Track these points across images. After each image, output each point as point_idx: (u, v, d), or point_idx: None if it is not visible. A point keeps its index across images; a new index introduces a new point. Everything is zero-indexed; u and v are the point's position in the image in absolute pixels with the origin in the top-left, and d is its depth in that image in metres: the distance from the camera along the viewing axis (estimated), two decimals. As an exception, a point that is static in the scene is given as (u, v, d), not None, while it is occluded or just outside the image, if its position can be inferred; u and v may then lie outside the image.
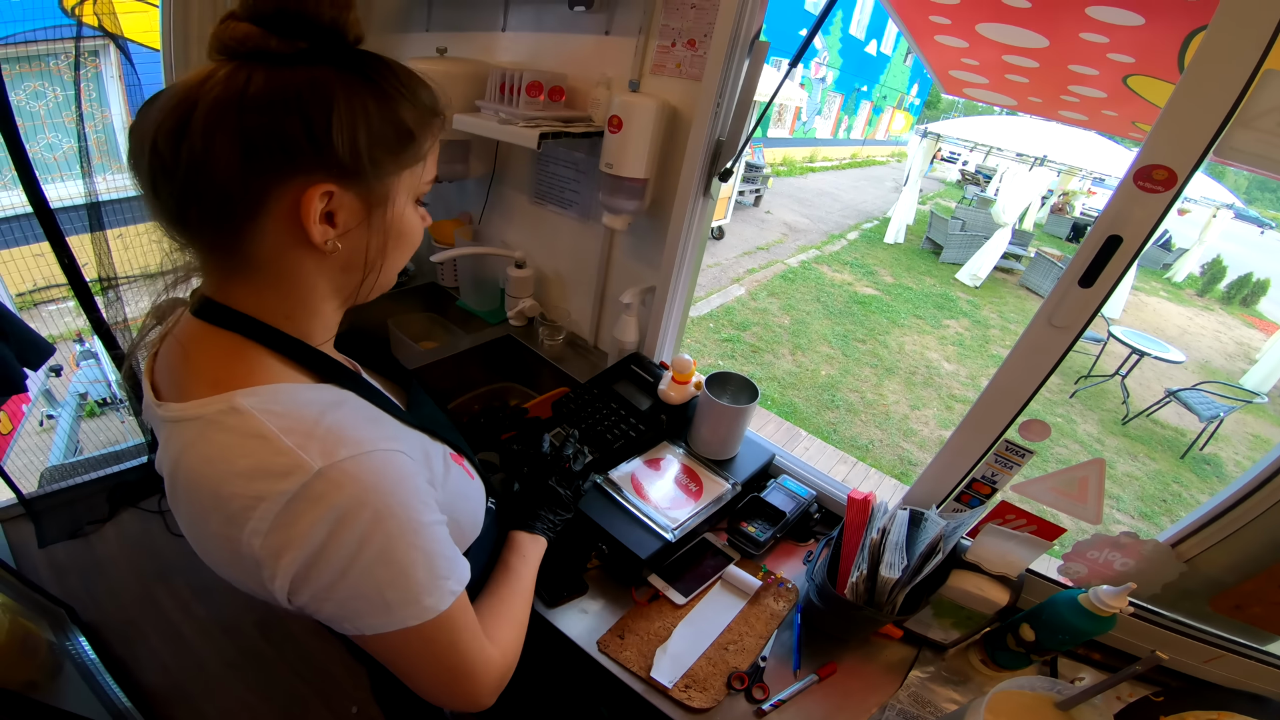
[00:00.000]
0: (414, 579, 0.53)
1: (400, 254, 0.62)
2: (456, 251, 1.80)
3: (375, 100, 0.52)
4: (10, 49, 1.57)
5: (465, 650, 0.60)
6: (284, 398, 0.52)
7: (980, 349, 6.29)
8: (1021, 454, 1.02)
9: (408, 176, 0.57)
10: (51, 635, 1.77)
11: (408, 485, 0.53)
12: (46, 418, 2.91)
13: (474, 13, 1.71)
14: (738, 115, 1.27)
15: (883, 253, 9.27)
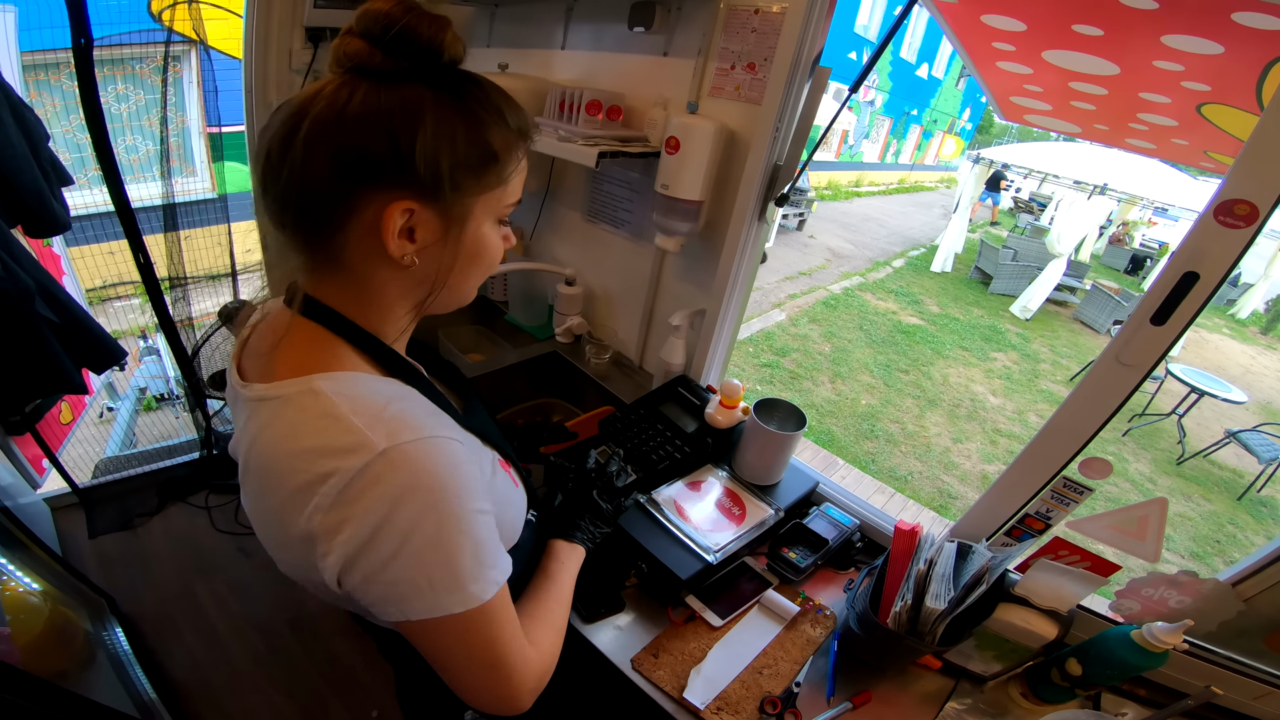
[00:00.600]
0: (461, 564, 0.53)
1: (475, 272, 0.63)
2: (507, 266, 1.84)
3: (463, 122, 0.54)
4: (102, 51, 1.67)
5: (505, 646, 0.60)
6: (357, 385, 0.56)
7: (1029, 383, 6.09)
8: (1080, 491, 1.00)
9: (489, 198, 0.59)
10: (89, 625, 1.81)
11: (463, 472, 0.54)
12: (107, 410, 3.03)
13: (534, 30, 1.76)
14: (796, 140, 1.27)
15: (929, 281, 9.09)
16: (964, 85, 20.40)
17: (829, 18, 1.14)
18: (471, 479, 0.55)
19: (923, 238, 12.10)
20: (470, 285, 0.65)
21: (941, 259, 9.56)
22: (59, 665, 1.57)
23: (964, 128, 23.45)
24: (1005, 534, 1.11)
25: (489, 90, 0.57)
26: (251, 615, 2.08)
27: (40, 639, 1.55)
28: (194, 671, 1.90)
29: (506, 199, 0.61)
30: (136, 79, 3.67)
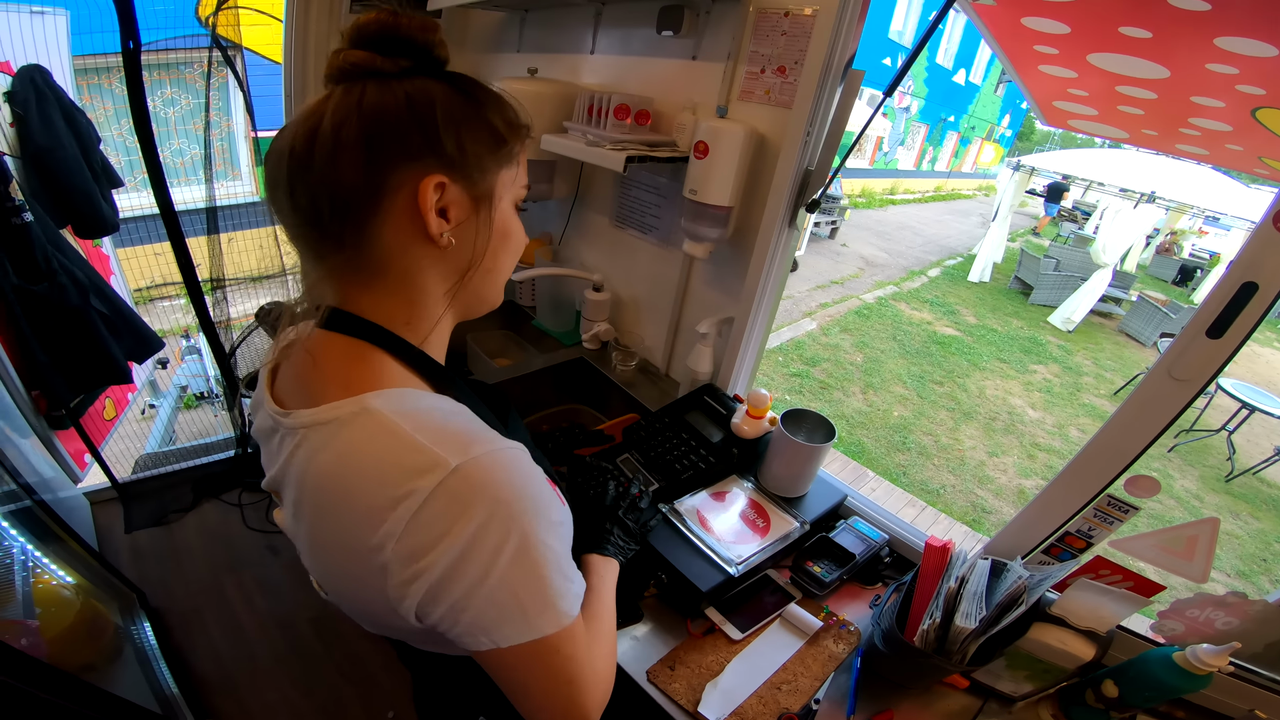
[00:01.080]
0: (550, 582, 0.52)
1: (507, 254, 0.65)
2: (536, 271, 1.84)
3: (470, 106, 0.57)
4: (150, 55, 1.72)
5: (582, 664, 0.57)
6: (410, 400, 0.54)
7: (1070, 397, 5.90)
8: (1125, 509, 0.95)
9: (506, 177, 0.61)
10: (119, 619, 1.85)
11: (537, 482, 0.53)
12: (149, 407, 3.13)
13: (564, 35, 1.76)
14: (828, 145, 1.24)
15: (966, 291, 8.89)
16: (1003, 91, 19.95)
17: (862, 20, 1.12)
18: (545, 489, 0.54)
19: (959, 246, 11.86)
20: (503, 268, 0.65)
21: (979, 268, 9.34)
22: (86, 658, 1.59)
23: (1003, 134, 22.93)
24: (1043, 552, 1.06)
25: (481, 85, 0.60)
26: (276, 612, 2.12)
27: (69, 632, 1.57)
28: (217, 666, 1.93)
29: (521, 180, 0.64)
30: (184, 83, 3.81)
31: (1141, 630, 1.02)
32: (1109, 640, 0.95)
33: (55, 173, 1.91)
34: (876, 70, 12.05)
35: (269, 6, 1.99)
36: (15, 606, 1.48)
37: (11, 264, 1.74)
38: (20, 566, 1.60)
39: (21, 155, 1.83)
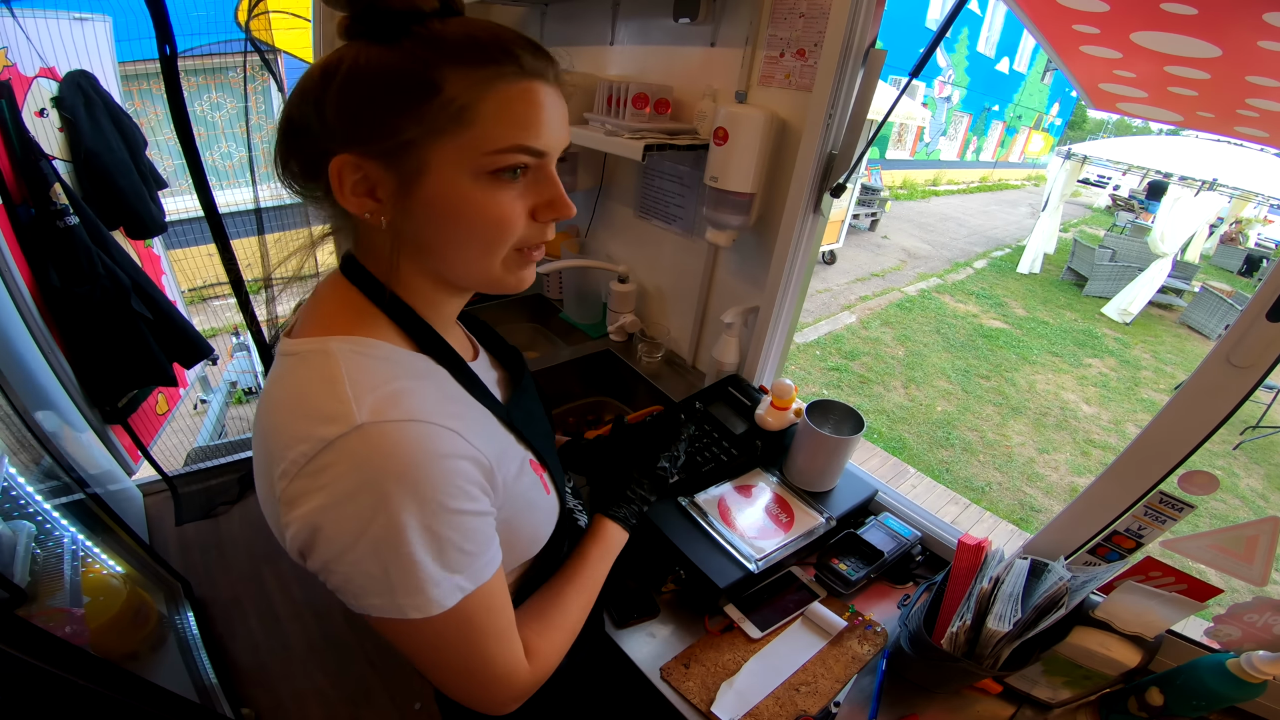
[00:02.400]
0: (420, 566, 0.49)
1: (468, 237, 0.55)
2: (562, 264, 1.84)
3: (394, 66, 0.49)
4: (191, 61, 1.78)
5: (484, 654, 0.56)
6: (374, 352, 0.54)
7: (1128, 392, 5.64)
8: (1179, 508, 0.89)
9: (449, 146, 0.51)
10: (164, 608, 1.90)
11: (444, 465, 0.50)
12: (201, 402, 3.25)
13: (584, 27, 1.76)
14: (851, 128, 1.20)
15: (1015, 283, 8.58)
16: (1051, 79, 19.25)
17: (882, 0, 1.08)
18: (457, 473, 0.51)
19: (1007, 238, 11.48)
20: (467, 254, 0.56)
21: (1029, 259, 9.02)
22: (130, 647, 1.64)
23: (1053, 123, 22.11)
24: (1089, 552, 1.00)
25: (444, 29, 0.51)
26: (312, 602, 2.16)
27: (115, 620, 1.61)
28: (253, 655, 1.98)
29: (484, 144, 0.51)
30: (228, 88, 3.95)
31: (1193, 636, 0.96)
32: (1156, 646, 0.89)
33: (106, 176, 1.99)
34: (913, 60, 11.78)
35: (299, 9, 2.04)
36: (63, 595, 1.53)
37: (56, 267, 1.81)
38: (70, 556, 1.67)
39: (73, 159, 1.91)
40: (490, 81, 0.50)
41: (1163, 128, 7.76)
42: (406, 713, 1.86)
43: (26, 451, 1.76)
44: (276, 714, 1.83)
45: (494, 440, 0.60)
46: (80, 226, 1.84)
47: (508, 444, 0.63)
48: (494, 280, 0.59)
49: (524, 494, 0.63)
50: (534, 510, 0.66)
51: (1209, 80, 1.51)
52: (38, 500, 1.72)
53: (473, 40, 0.50)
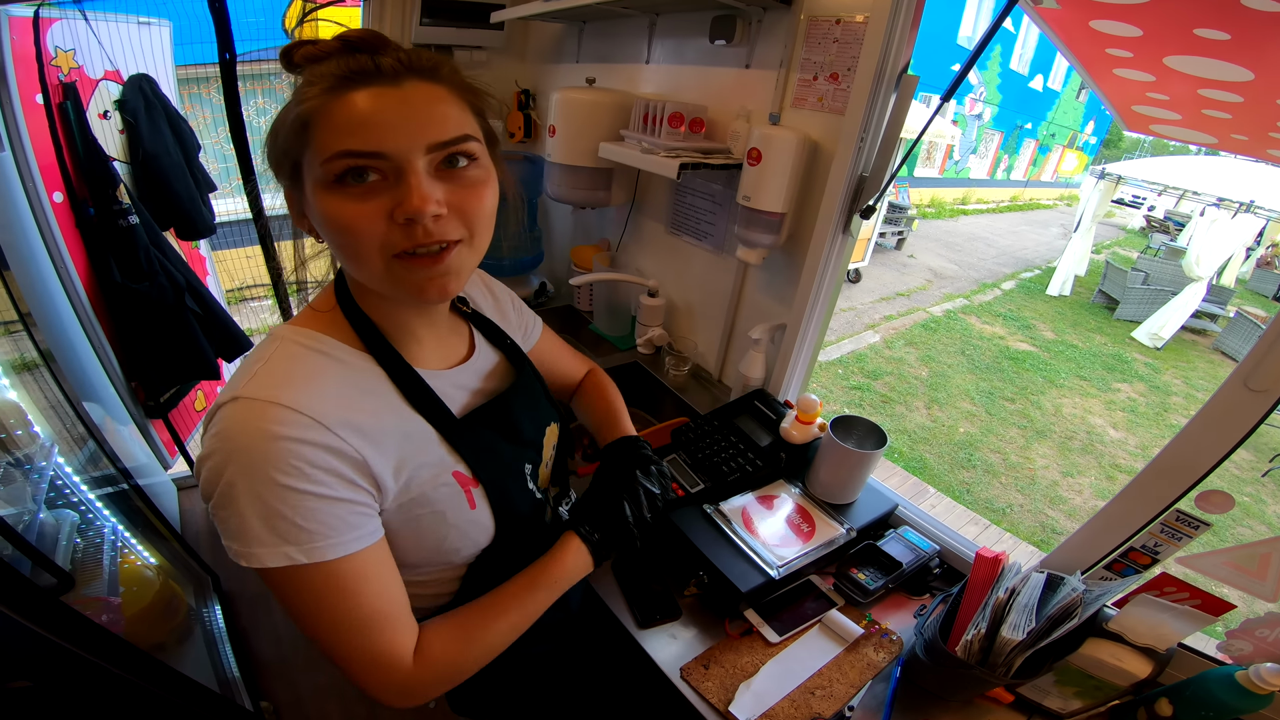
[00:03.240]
0: (249, 525, 0.55)
1: (333, 243, 0.60)
2: (593, 276, 1.89)
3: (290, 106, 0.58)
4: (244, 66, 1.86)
5: (339, 636, 0.61)
6: (314, 344, 0.63)
7: (1156, 417, 5.53)
8: (1195, 526, 0.90)
9: (306, 161, 0.57)
10: (193, 600, 1.95)
11: (286, 446, 0.55)
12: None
13: (620, 45, 1.81)
14: (883, 150, 1.24)
15: (1044, 305, 8.46)
16: (1085, 97, 18.96)
17: (915, 25, 1.11)
18: (293, 455, 0.55)
19: (1037, 259, 11.31)
20: (348, 261, 0.61)
21: (1059, 281, 8.86)
22: (159, 637, 1.68)
23: (1087, 142, 21.74)
24: (1105, 567, 1.02)
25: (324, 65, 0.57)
26: (333, 600, 2.22)
27: (147, 611, 1.66)
28: (275, 649, 2.02)
29: (320, 154, 0.55)
30: (274, 94, 4.08)
31: (1204, 649, 0.97)
32: (1167, 658, 0.90)
33: (161, 178, 2.08)
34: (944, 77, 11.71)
35: (347, 19, 2.12)
36: (100, 584, 1.59)
37: (117, 263, 1.91)
38: (109, 546, 1.72)
39: (131, 161, 2.00)
40: (321, 94, 0.55)
41: (1200, 148, 7.59)
42: (422, 711, 1.88)
43: (75, 442, 1.84)
44: (295, 709, 1.87)
45: (399, 445, 0.63)
46: (140, 226, 1.94)
47: (431, 452, 0.66)
48: (389, 286, 0.60)
49: (432, 503, 0.66)
50: (443, 523, 0.67)
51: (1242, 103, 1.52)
52: (82, 490, 1.78)
53: (321, 70, 0.56)
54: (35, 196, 1.74)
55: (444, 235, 0.58)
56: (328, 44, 0.58)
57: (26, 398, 1.73)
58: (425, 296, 0.60)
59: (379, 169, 0.55)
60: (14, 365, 1.76)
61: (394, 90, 0.55)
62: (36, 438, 1.71)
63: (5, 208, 1.64)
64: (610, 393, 1.06)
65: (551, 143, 1.70)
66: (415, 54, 0.58)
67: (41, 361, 1.71)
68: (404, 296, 0.61)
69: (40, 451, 1.65)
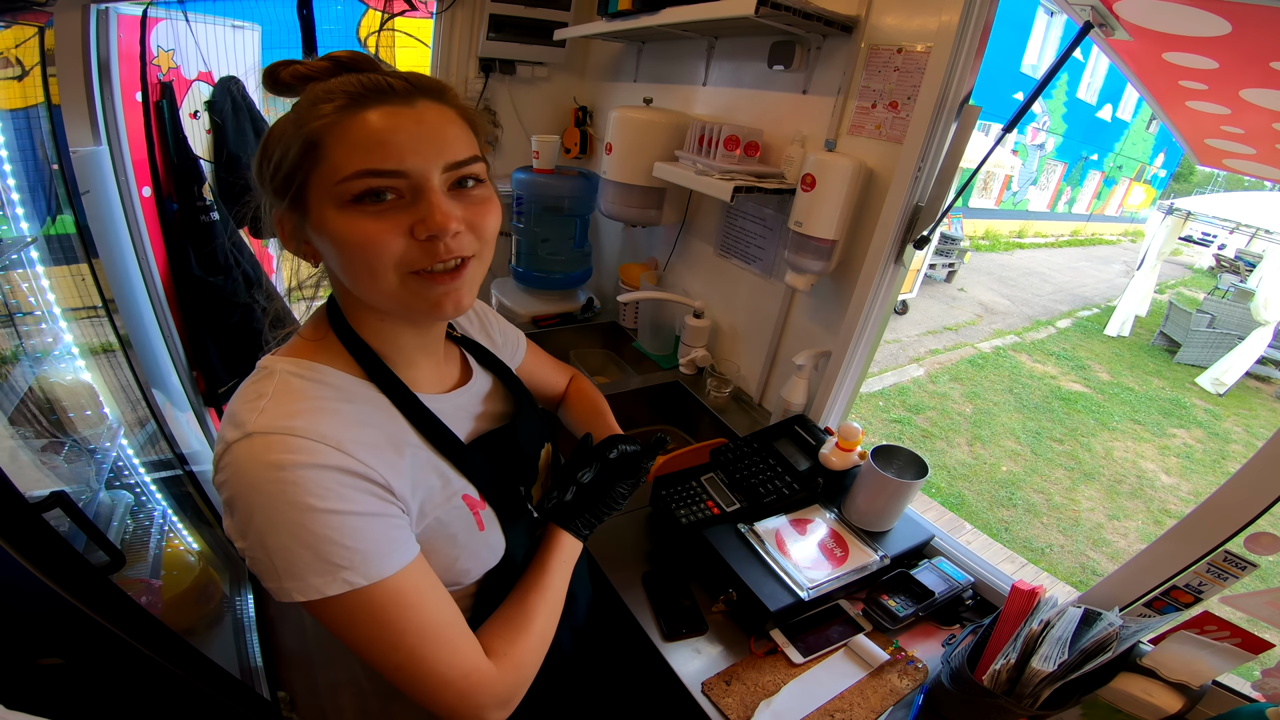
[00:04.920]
0: (297, 557, 0.53)
1: (351, 264, 0.58)
2: (640, 295, 1.92)
3: (290, 125, 0.57)
4: None
5: (417, 652, 0.59)
6: (312, 375, 0.61)
7: (1213, 464, 5.27)
8: (1243, 567, 0.89)
9: (316, 180, 0.56)
10: (228, 588, 2.00)
11: (312, 473, 0.54)
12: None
13: (678, 66, 1.85)
14: (940, 181, 1.24)
15: (1101, 346, 8.15)
16: (1156, 129, 18.31)
17: (979, 55, 1.12)
18: (322, 480, 0.54)
19: (1096, 297, 10.92)
20: (360, 281, 0.60)
21: (1119, 321, 8.52)
22: (191, 622, 1.73)
23: (1156, 175, 20.92)
24: (1145, 605, 1.00)
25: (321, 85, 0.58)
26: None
27: (184, 595, 1.71)
28: (298, 640, 2.07)
29: (334, 175, 0.55)
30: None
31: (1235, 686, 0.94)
32: (1200, 695, 0.88)
33: (241, 178, 2.19)
34: (1006, 105, 11.51)
35: (417, 32, 2.22)
36: (144, 566, 1.65)
37: (195, 256, 2.02)
38: (157, 530, 1.80)
39: (215, 160, 2.11)
40: (334, 116, 0.55)
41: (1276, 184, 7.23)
42: (430, 720, 1.91)
43: (137, 425, 1.93)
44: (310, 699, 1.91)
45: (411, 467, 0.63)
46: (219, 223, 2.05)
47: (438, 475, 0.67)
48: (402, 304, 0.61)
49: (444, 525, 0.66)
50: (453, 545, 0.68)
51: (1319, 138, 1.46)
52: (140, 473, 1.88)
53: (329, 87, 0.57)
54: (126, 190, 1.86)
55: (461, 251, 0.59)
56: (317, 63, 0.60)
57: (99, 379, 1.84)
58: (441, 312, 0.61)
59: (396, 188, 0.56)
60: (92, 348, 1.87)
61: (409, 110, 0.57)
62: (105, 419, 1.81)
63: (98, 199, 1.75)
64: (595, 399, 1.07)
65: (607, 160, 1.75)
66: (420, 76, 0.59)
67: (119, 346, 1.82)
68: (417, 313, 0.62)
69: (107, 433, 1.75)
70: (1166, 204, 8.43)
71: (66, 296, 1.79)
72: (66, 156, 1.62)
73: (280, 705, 1.80)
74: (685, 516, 1.23)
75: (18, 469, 1.35)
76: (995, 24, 1.11)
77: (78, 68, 1.61)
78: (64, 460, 1.51)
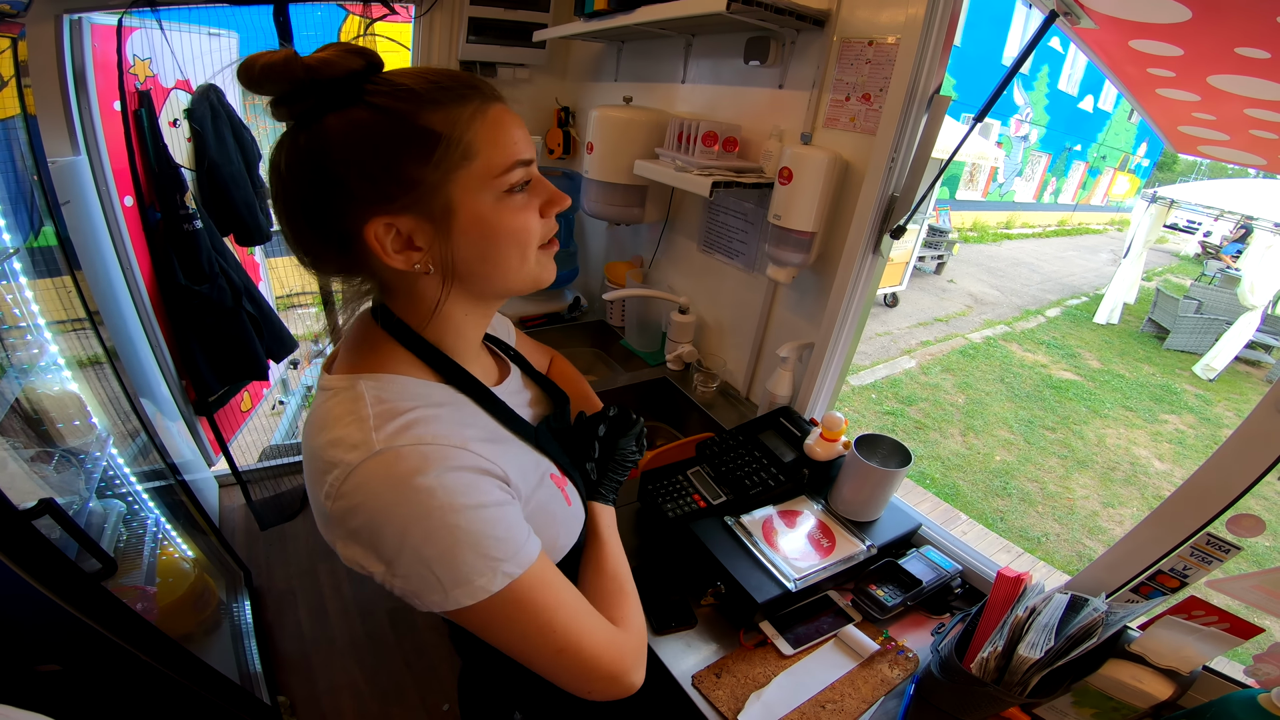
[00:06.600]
0: (460, 561, 0.54)
1: (500, 251, 0.62)
2: (625, 292, 1.92)
3: (383, 123, 0.54)
4: None
5: (565, 630, 0.60)
6: (396, 387, 0.60)
7: (1205, 450, 5.31)
8: (1226, 549, 0.89)
9: (464, 177, 0.57)
10: (224, 594, 2.00)
11: (452, 476, 0.55)
12: (279, 403, 3.47)
13: (657, 65, 1.86)
14: (913, 171, 1.25)
15: (1090, 334, 8.21)
16: (1138, 118, 18.42)
17: (947, 47, 1.13)
18: (462, 480, 0.56)
19: (1085, 285, 11.00)
20: (509, 265, 0.63)
21: (1107, 309, 8.59)
22: (188, 628, 1.73)
23: (1140, 164, 21.09)
24: (1131, 590, 1.00)
25: (404, 82, 0.56)
26: (359, 600, 2.27)
27: (180, 602, 1.71)
28: (297, 645, 2.08)
29: (493, 169, 0.58)
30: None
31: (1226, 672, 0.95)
32: (1190, 681, 0.89)
33: (223, 186, 2.18)
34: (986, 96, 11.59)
35: (399, 36, 2.22)
36: (139, 574, 1.65)
37: (180, 266, 2.02)
38: (151, 538, 1.79)
39: (196, 168, 2.10)
40: (475, 114, 0.57)
41: (1257, 170, 7.29)
42: (435, 713, 1.91)
43: (128, 435, 1.93)
44: (310, 704, 1.91)
45: (512, 455, 0.66)
46: (203, 231, 2.04)
47: (528, 458, 0.69)
48: (534, 279, 0.67)
49: (544, 505, 0.68)
50: (554, 521, 0.70)
51: (1288, 123, 1.48)
52: (131, 482, 1.87)
53: (434, 83, 0.56)
54: (108, 200, 1.85)
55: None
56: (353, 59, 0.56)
57: (87, 390, 1.83)
58: (552, 278, 0.69)
59: (530, 176, 0.62)
60: (79, 360, 1.86)
61: (506, 106, 0.62)
62: (94, 429, 1.80)
63: (79, 210, 1.75)
64: (577, 379, 1.11)
65: (589, 159, 1.75)
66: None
67: (106, 358, 1.81)
68: (541, 284, 0.68)
69: (96, 443, 1.74)
70: (1150, 192, 8.50)
71: (51, 309, 1.78)
72: (45, 167, 1.61)
73: (280, 710, 1.80)
74: (672, 510, 1.24)
75: (9, 479, 1.35)
76: (974, 18, 1.13)
77: (53, 78, 1.61)
78: (54, 470, 1.50)
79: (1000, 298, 9.45)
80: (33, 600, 0.98)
